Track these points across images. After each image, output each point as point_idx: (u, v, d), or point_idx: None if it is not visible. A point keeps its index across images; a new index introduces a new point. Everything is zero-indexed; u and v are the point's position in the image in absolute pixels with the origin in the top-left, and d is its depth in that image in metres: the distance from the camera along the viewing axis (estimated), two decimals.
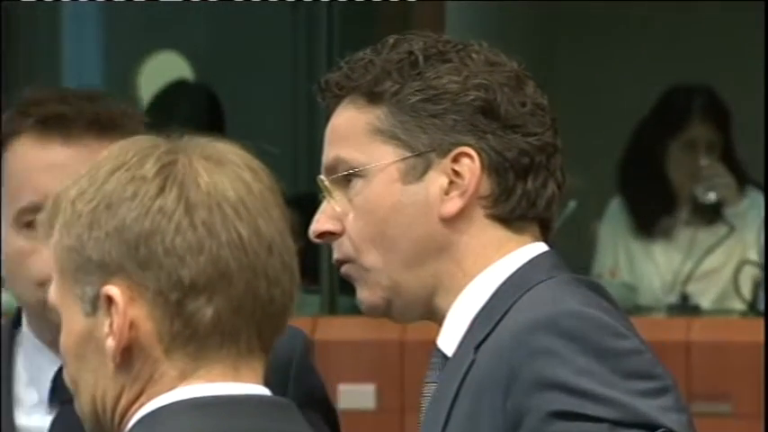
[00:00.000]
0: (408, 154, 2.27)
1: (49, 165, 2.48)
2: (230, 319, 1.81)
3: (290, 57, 6.58)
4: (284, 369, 2.55)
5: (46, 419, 2.57)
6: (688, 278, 5.22)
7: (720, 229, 5.41)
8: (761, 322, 4.81)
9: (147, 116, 2.59)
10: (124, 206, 1.80)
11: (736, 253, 5.29)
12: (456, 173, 2.25)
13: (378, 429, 3.98)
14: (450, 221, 2.27)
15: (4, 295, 5.14)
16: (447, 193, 2.26)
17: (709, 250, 5.35)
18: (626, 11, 6.98)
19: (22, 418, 2.59)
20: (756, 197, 5.47)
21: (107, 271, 1.80)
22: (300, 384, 2.57)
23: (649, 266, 5.36)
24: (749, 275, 5.11)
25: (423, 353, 3.77)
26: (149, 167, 1.83)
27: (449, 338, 2.27)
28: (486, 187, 2.25)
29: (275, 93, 6.31)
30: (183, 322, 1.80)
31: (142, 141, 1.88)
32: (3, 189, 2.57)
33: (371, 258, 2.29)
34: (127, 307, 1.78)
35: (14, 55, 7.02)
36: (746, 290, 5.09)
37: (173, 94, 6.51)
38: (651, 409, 2.12)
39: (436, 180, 2.26)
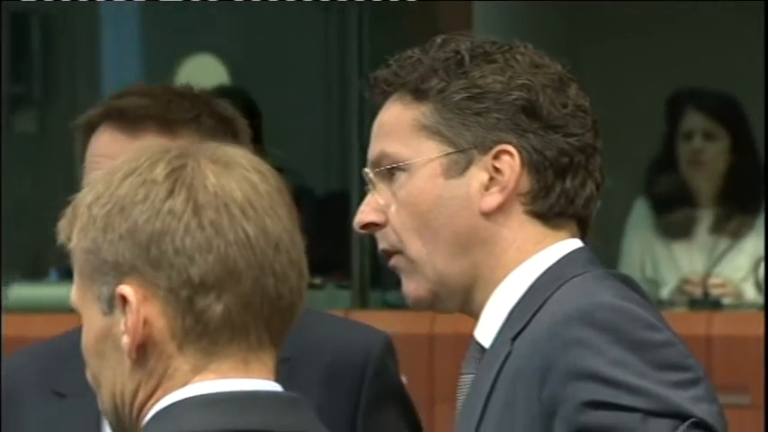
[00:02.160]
0: (451, 150, 2.28)
1: (124, 149, 2.44)
2: (239, 315, 1.82)
3: (322, 58, 6.57)
4: (360, 368, 2.56)
5: None
6: (708, 275, 5.22)
7: (746, 228, 5.42)
8: None
9: None
10: (136, 209, 1.82)
11: (755, 250, 5.30)
12: (496, 169, 2.25)
13: None
14: (490, 216, 2.27)
15: (18, 289, 5.37)
16: (487, 188, 2.26)
17: (729, 248, 5.36)
18: (657, 11, 6.92)
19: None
20: None
21: (121, 271, 1.82)
22: (377, 385, 2.58)
23: (671, 264, 5.37)
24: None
25: (451, 346, 3.74)
26: (159, 171, 1.84)
27: (486, 330, 2.27)
28: (526, 184, 2.25)
29: (307, 93, 6.29)
30: (194, 319, 1.82)
31: (155, 147, 1.89)
32: (85, 174, 2.56)
33: (415, 249, 2.28)
34: (140, 305, 1.80)
35: (56, 56, 7.05)
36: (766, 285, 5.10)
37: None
38: (683, 399, 2.12)
39: (477, 176, 2.26)
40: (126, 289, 1.79)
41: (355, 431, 2.47)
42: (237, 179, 1.86)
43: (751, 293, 5.17)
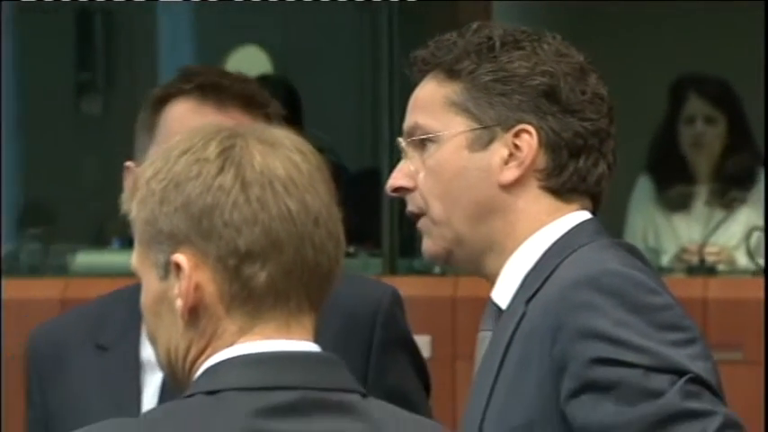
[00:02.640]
0: (477, 126, 2.28)
1: (185, 123, 2.47)
2: (282, 282, 1.82)
3: (356, 49, 6.53)
4: (371, 317, 2.56)
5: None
6: (704, 244, 5.20)
7: (738, 202, 5.40)
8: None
9: None
10: (190, 184, 1.83)
11: (747, 221, 5.27)
12: (516, 146, 2.25)
13: (432, 374, 4.01)
14: (508, 188, 2.26)
15: (83, 256, 5.36)
16: (506, 163, 2.26)
17: (725, 219, 5.35)
18: (663, 8, 6.89)
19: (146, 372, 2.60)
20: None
21: (176, 241, 1.83)
22: (386, 330, 2.59)
23: (669, 234, 5.35)
24: (758, 238, 5.11)
25: (472, 308, 3.72)
26: (212, 150, 1.85)
27: (502, 293, 2.27)
28: (542, 161, 2.25)
29: (343, 81, 6.28)
30: (241, 285, 1.82)
31: (209, 128, 1.90)
32: (155, 142, 2.56)
33: (437, 212, 2.29)
34: (192, 272, 1.81)
35: (117, 47, 7.02)
36: (757, 252, 5.08)
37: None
38: (681, 357, 2.11)
39: (498, 151, 2.26)
40: (180, 257, 1.80)
41: (368, 375, 2.47)
42: (281, 158, 1.85)
43: (743, 260, 5.14)
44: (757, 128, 5.60)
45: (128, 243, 5.17)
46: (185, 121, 2.54)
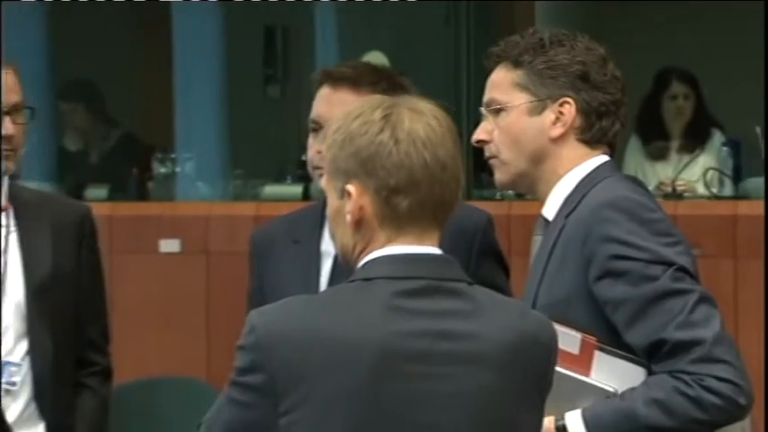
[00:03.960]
0: (534, 99, 2.25)
1: (338, 101, 2.46)
2: (417, 209, 1.80)
3: (445, 52, 6.30)
4: (472, 234, 2.52)
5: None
6: (675, 179, 5.22)
7: (698, 152, 5.44)
8: (719, 203, 4.89)
9: None
10: (359, 139, 1.81)
11: (704, 164, 5.29)
12: (560, 113, 2.24)
13: None
14: (555, 141, 2.25)
15: (269, 188, 5.36)
16: (554, 124, 2.25)
17: (689, 162, 5.40)
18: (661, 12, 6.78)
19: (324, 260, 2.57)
20: (717, 132, 5.49)
21: (348, 175, 1.81)
22: (482, 240, 2.55)
23: (652, 174, 5.36)
24: (712, 175, 5.09)
25: (521, 223, 3.76)
26: (376, 115, 1.81)
27: (549, 210, 2.26)
28: (578, 122, 2.24)
29: (437, 75, 6.04)
30: (390, 209, 1.80)
31: (376, 100, 1.87)
32: (314, 111, 2.55)
33: (506, 156, 2.26)
34: (358, 197, 1.80)
35: (292, 51, 6.93)
36: (711, 184, 5.07)
37: None
38: (670, 254, 2.10)
39: (548, 116, 2.25)
40: (350, 187, 1.80)
41: (470, 269, 2.31)
42: (423, 123, 1.81)
43: (701, 190, 5.08)
44: (711, 103, 5.60)
45: (296, 179, 5.25)
46: (328, 96, 2.54)
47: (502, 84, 2.26)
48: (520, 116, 2.25)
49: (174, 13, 5.93)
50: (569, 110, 2.24)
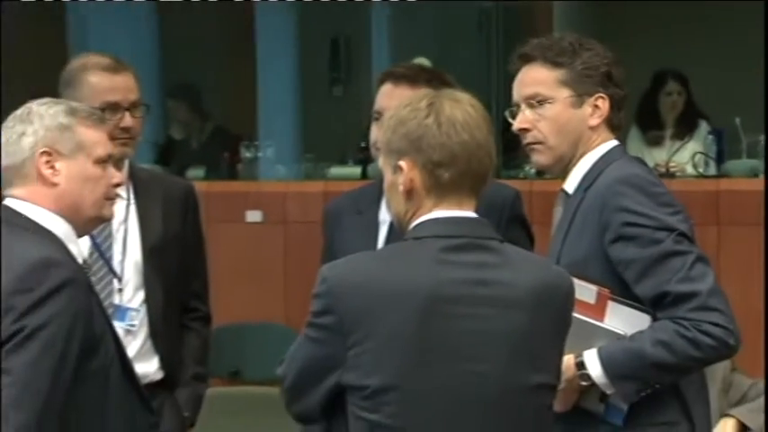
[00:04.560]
0: (574, 94, 2.19)
1: (398, 95, 2.38)
2: (457, 180, 1.79)
3: (479, 50, 6.24)
4: (502, 205, 2.46)
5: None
6: (669, 161, 5.14)
7: (687, 139, 5.34)
8: (705, 181, 4.77)
9: None
10: (409, 123, 1.80)
11: (692, 148, 5.19)
12: (596, 106, 2.19)
13: None
14: (592, 129, 2.20)
15: (334, 169, 5.29)
16: (591, 115, 2.19)
17: (680, 148, 5.31)
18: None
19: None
20: (703, 123, 5.40)
21: (400, 153, 1.80)
22: (511, 211, 2.48)
23: (649, 158, 5.18)
24: (699, 158, 4.99)
25: (541, 198, 3.63)
26: (423, 104, 1.80)
27: (571, 184, 2.21)
28: (608, 112, 2.20)
29: (470, 73, 5.93)
30: (434, 180, 1.79)
31: (423, 93, 1.86)
32: (377, 104, 2.49)
33: (553, 141, 2.19)
34: (408, 171, 1.79)
35: (350, 60, 6.93)
36: (698, 165, 4.97)
37: None
38: (673, 221, 2.07)
39: (587, 108, 2.19)
40: (402, 163, 1.80)
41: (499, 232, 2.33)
42: (461, 110, 1.80)
43: (690, 170, 4.99)
44: (699, 98, 5.50)
45: (356, 162, 5.20)
46: (388, 93, 2.50)
47: (546, 81, 2.18)
48: (565, 108, 2.18)
49: (258, 26, 5.95)
50: (604, 104, 2.19)
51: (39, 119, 1.96)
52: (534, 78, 2.19)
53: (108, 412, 1.92)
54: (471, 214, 1.81)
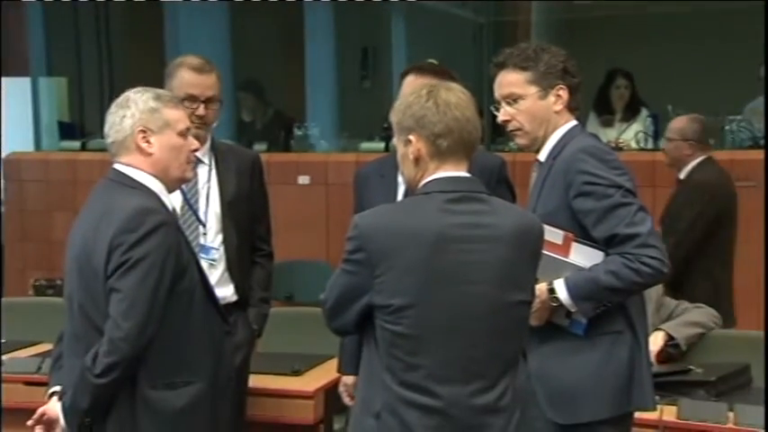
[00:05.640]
0: (540, 89, 2.12)
1: (419, 83, 2.29)
2: (454, 147, 1.75)
3: (472, 54, 6.15)
4: (491, 171, 2.38)
5: None
6: (618, 139, 5.06)
7: (632, 121, 5.22)
8: (644, 153, 4.70)
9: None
10: (414, 106, 1.76)
11: (636, 129, 5.11)
12: (558, 95, 2.13)
13: None
14: (557, 113, 2.13)
15: (365, 144, 5.19)
16: (555, 102, 2.13)
17: (626, 128, 5.22)
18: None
19: None
20: (644, 109, 5.28)
21: (409, 130, 1.76)
22: (498, 176, 2.42)
23: (603, 136, 5.16)
24: (640, 135, 4.93)
25: (521, 167, 3.47)
26: (424, 92, 1.76)
27: (543, 155, 2.14)
28: (568, 98, 2.14)
29: (466, 74, 5.84)
30: (435, 149, 1.75)
31: (425, 84, 1.80)
32: (401, 93, 2.32)
33: (529, 128, 2.13)
34: (416, 143, 1.75)
35: (374, 58, 6.83)
36: (640, 139, 4.92)
37: None
38: (621, 180, 2.02)
39: (551, 98, 2.12)
40: (411, 137, 1.76)
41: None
42: (454, 96, 1.75)
43: (634, 145, 4.90)
44: (641, 91, 5.35)
45: (381, 138, 5.09)
46: (411, 81, 2.41)
47: (517, 82, 2.11)
48: (534, 101, 2.11)
49: (307, 35, 5.84)
50: (564, 93, 2.13)
51: (134, 104, 1.99)
52: (508, 81, 2.12)
53: (193, 322, 1.93)
54: (466, 174, 1.76)
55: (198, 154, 2.23)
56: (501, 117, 2.14)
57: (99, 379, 1.82)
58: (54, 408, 1.94)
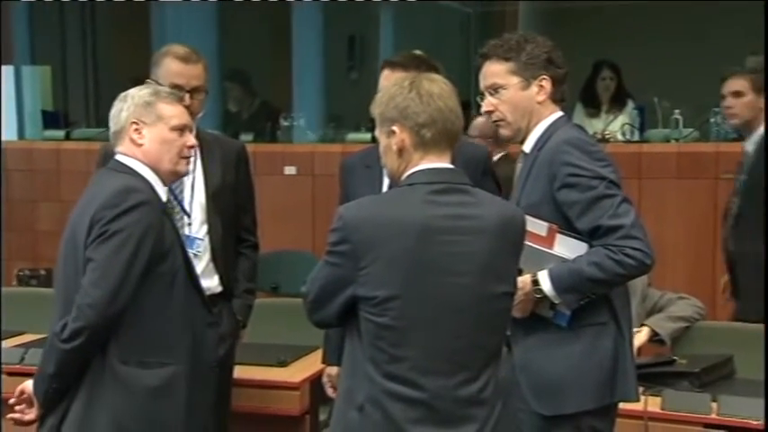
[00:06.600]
0: (523, 80, 2.11)
1: (394, 78, 2.17)
2: (437, 137, 1.74)
3: (459, 44, 6.20)
4: (477, 161, 2.38)
5: None
6: (605, 130, 5.07)
7: (618, 113, 5.24)
8: (630, 145, 4.68)
9: None
10: (397, 97, 1.76)
11: (622, 120, 5.11)
12: (541, 86, 2.12)
13: None
14: (540, 103, 2.12)
15: (353, 135, 5.19)
16: (538, 93, 2.12)
17: (612, 120, 5.23)
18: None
19: None
20: (629, 101, 5.29)
21: (392, 121, 1.76)
22: (483, 165, 2.41)
23: (589, 127, 5.13)
24: (626, 127, 4.92)
25: (514, 157, 3.59)
26: (406, 84, 1.76)
27: (528, 146, 2.13)
28: (551, 89, 2.13)
29: (453, 65, 5.78)
30: (419, 139, 1.75)
31: (407, 76, 1.79)
32: (380, 86, 2.35)
33: (511, 118, 2.12)
34: (399, 133, 1.75)
35: (362, 52, 6.84)
36: (626, 131, 4.90)
37: None
38: (605, 172, 2.02)
39: (534, 89, 2.11)
40: (394, 127, 1.75)
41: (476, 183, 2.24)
42: (436, 86, 1.75)
43: (620, 137, 4.90)
44: (627, 82, 5.35)
45: (367, 129, 5.02)
46: (386, 76, 2.40)
47: (500, 72, 2.10)
48: (516, 92, 2.10)
49: (293, 26, 5.83)
50: (547, 83, 2.12)
51: (131, 99, 2.08)
52: (491, 71, 2.11)
53: (173, 305, 1.94)
54: (449, 165, 1.76)
55: None
56: (484, 107, 2.13)
57: (65, 344, 1.84)
58: (31, 384, 1.96)
